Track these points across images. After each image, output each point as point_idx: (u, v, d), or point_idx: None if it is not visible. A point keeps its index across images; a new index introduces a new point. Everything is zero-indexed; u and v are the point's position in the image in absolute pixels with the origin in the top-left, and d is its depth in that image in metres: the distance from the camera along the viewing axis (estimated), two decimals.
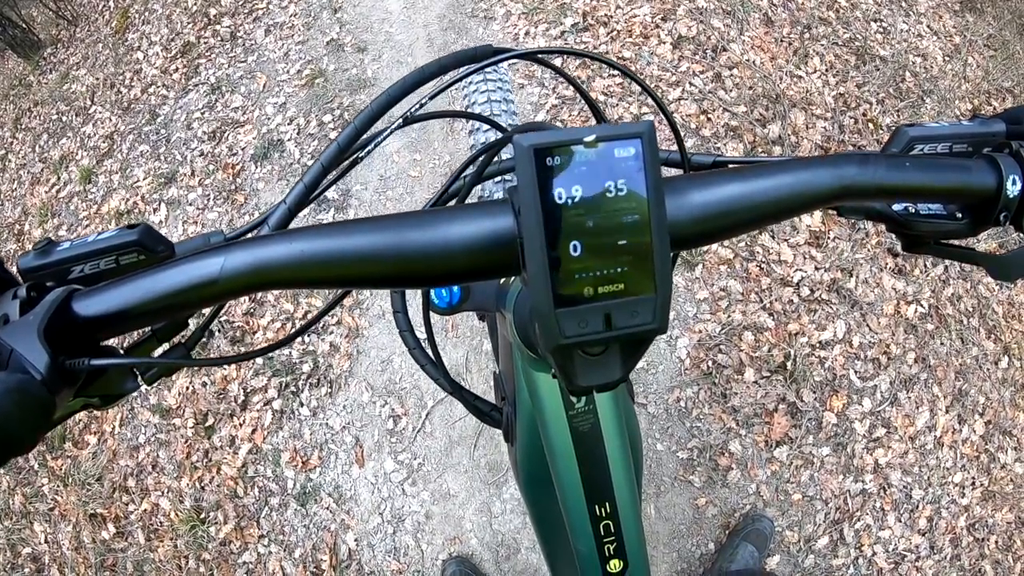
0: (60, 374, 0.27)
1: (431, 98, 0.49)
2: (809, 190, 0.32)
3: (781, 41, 2.22)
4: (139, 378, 0.33)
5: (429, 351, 0.64)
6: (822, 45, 2.24)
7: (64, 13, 3.66)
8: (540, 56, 0.53)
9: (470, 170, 0.53)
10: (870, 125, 2.07)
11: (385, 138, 0.50)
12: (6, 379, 0.24)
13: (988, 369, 1.80)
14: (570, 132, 0.27)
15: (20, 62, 3.73)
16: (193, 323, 0.40)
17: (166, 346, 0.38)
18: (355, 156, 0.48)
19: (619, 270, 0.27)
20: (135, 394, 1.95)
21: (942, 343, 1.78)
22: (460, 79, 0.50)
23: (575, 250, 0.27)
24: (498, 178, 0.80)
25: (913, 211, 0.39)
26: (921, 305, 1.81)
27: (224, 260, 0.29)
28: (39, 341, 0.26)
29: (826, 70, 2.18)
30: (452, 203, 0.57)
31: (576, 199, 0.27)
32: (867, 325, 1.76)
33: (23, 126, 3.33)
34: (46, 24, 3.84)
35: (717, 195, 0.31)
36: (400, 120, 0.49)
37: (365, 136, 0.48)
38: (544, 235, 0.27)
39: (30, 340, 0.26)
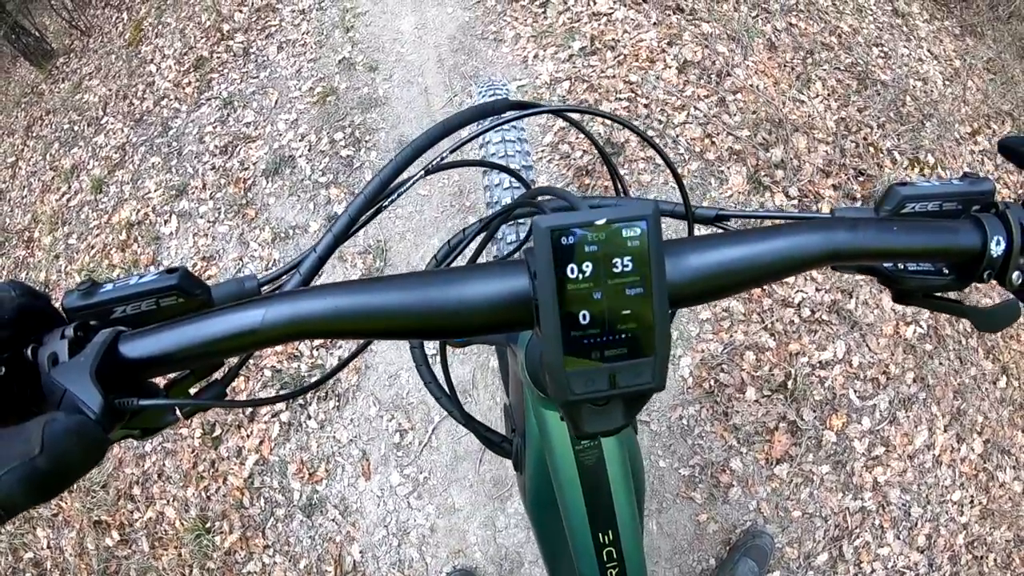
0: (111, 413, 0.29)
1: (452, 151, 0.52)
2: (802, 254, 0.35)
3: (784, 66, 2.27)
4: (177, 411, 0.35)
5: (443, 381, 0.66)
6: (824, 70, 2.29)
7: (78, 23, 3.72)
8: (564, 114, 0.56)
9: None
10: (871, 149, 2.11)
11: (408, 188, 0.52)
12: (66, 420, 0.26)
13: (986, 389, 1.83)
14: (584, 215, 0.30)
15: (32, 70, 3.78)
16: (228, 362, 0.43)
17: (203, 382, 0.40)
18: (379, 205, 0.51)
19: (623, 336, 0.30)
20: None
21: (941, 363, 1.81)
22: (481, 133, 0.53)
23: (584, 318, 0.30)
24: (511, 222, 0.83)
25: (902, 267, 0.41)
26: (920, 326, 1.84)
27: (265, 312, 0.32)
28: (92, 383, 0.28)
29: (828, 95, 2.22)
30: (467, 249, 0.60)
31: (587, 274, 0.30)
32: (867, 345, 1.79)
33: (34, 134, 3.37)
34: (59, 34, 3.89)
35: (714, 259, 0.34)
36: (422, 171, 0.52)
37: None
38: (558, 306, 0.30)
39: (83, 381, 0.28)
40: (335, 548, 1.71)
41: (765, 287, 1.83)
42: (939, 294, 0.41)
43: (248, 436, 1.89)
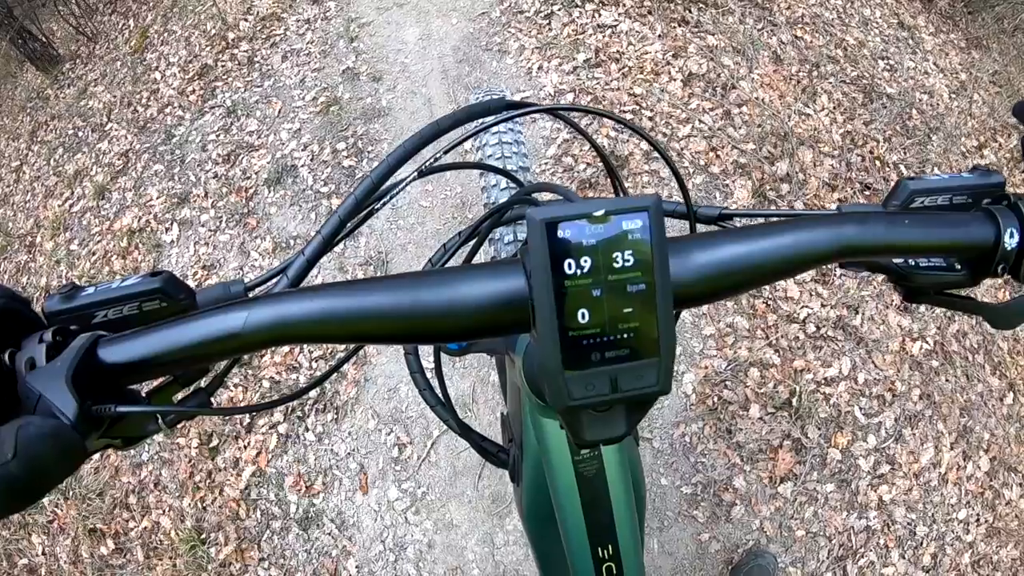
0: (88, 420, 0.28)
1: (446, 152, 0.50)
2: (810, 250, 0.33)
3: (790, 79, 2.26)
4: (160, 421, 0.34)
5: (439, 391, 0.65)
6: (830, 83, 2.28)
7: (84, 30, 3.73)
8: (559, 112, 0.54)
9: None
10: (877, 162, 2.10)
11: (399, 191, 0.51)
12: (41, 424, 0.25)
13: (993, 405, 1.81)
14: (580, 206, 0.28)
15: (38, 75, 3.79)
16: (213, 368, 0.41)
17: (187, 390, 0.39)
18: (371, 208, 0.49)
19: (625, 336, 0.29)
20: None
21: (947, 380, 1.79)
22: (475, 134, 0.51)
23: (583, 317, 0.28)
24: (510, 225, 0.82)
25: (913, 264, 0.39)
26: (926, 342, 1.82)
27: (248, 315, 0.30)
28: (67, 388, 0.27)
29: (834, 108, 2.21)
30: (462, 251, 0.59)
31: (585, 270, 0.28)
32: (872, 362, 1.77)
33: (39, 139, 3.38)
34: (66, 39, 3.91)
35: (720, 255, 0.32)
36: (415, 173, 0.51)
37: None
38: (554, 304, 0.28)
39: (58, 386, 0.27)
40: (331, 562, 1.69)
41: (770, 303, 1.82)
42: (951, 291, 0.39)
43: (245, 447, 1.87)
